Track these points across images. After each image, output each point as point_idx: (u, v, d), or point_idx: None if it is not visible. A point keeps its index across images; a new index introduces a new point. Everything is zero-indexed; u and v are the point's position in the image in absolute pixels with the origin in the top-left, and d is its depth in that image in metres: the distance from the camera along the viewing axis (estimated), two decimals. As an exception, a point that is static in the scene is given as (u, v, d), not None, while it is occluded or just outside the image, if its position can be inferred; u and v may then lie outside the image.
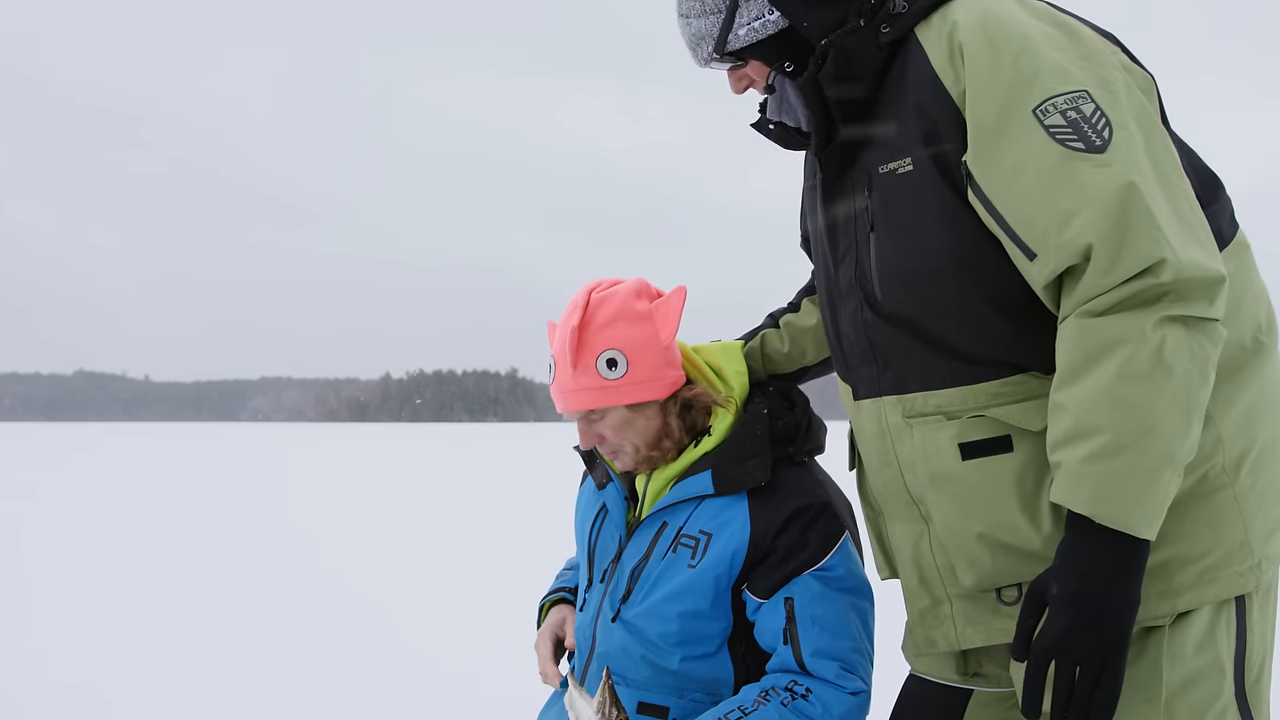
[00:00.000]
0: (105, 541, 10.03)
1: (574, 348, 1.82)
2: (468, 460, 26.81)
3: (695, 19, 1.68)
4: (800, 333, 2.08)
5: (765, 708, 1.68)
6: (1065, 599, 1.36)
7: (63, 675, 4.99)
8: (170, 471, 21.54)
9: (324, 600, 7.03)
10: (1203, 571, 1.46)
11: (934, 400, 1.57)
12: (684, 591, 1.80)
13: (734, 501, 1.83)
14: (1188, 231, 1.38)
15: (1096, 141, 1.39)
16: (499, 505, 12.54)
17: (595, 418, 1.87)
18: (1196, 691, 1.46)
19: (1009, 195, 1.43)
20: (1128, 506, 1.33)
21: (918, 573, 1.66)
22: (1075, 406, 1.37)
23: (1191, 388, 1.35)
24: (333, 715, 4.44)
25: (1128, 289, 1.35)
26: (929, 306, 1.56)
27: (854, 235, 1.66)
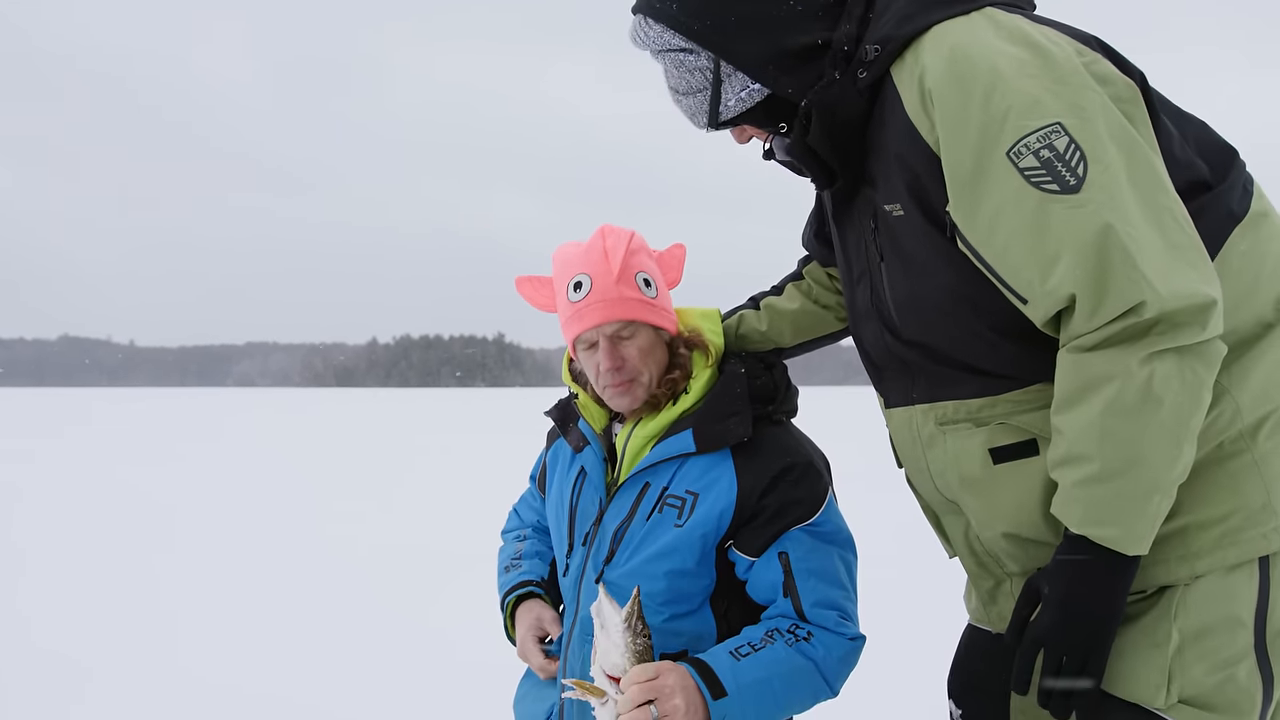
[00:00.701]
0: (95, 507, 10.02)
1: (624, 257, 1.88)
2: (455, 425, 26.88)
3: (685, 97, 1.75)
4: (780, 316, 2.12)
5: (773, 645, 1.73)
6: (1055, 600, 1.46)
7: (48, 642, 5.01)
8: (159, 437, 21.48)
9: (310, 565, 7.05)
10: (1222, 534, 1.49)
11: (964, 409, 1.63)
12: (671, 550, 1.82)
13: (719, 461, 1.85)
14: (1176, 256, 1.39)
15: (1070, 181, 1.40)
16: (485, 470, 12.54)
17: (627, 335, 1.89)
18: (1210, 641, 1.49)
19: (992, 244, 1.46)
20: (1115, 528, 1.41)
21: (974, 558, 1.77)
22: (1069, 432, 1.43)
23: (1182, 416, 1.39)
24: (318, 677, 4.46)
25: (1112, 328, 1.38)
26: (942, 335, 1.62)
27: (866, 262, 1.72)
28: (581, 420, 2.01)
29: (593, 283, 1.87)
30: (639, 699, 1.58)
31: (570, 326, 1.90)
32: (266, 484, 12.30)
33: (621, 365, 1.87)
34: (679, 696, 1.60)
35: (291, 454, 17.03)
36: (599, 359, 1.88)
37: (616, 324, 1.87)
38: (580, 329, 1.88)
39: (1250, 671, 1.48)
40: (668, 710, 1.59)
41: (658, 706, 1.58)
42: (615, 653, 1.61)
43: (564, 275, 1.92)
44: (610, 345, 1.87)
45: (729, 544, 1.84)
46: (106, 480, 12.49)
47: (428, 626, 5.30)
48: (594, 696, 1.63)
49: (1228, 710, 1.47)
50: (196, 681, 4.42)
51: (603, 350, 1.88)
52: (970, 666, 1.90)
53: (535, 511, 2.27)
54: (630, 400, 1.90)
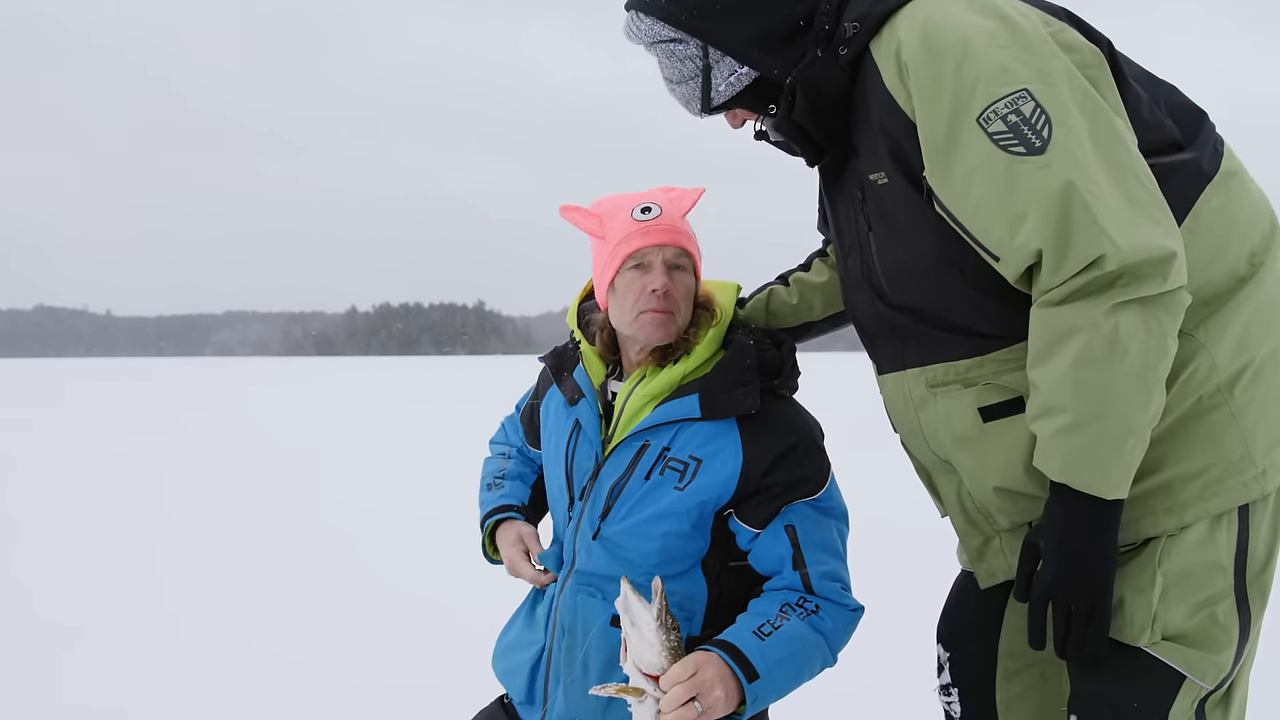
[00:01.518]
0: (82, 478, 9.98)
1: (691, 205, 1.99)
2: (437, 393, 26.83)
3: (678, 85, 1.84)
4: (809, 288, 2.21)
5: (789, 622, 1.78)
6: (1051, 552, 1.53)
7: (45, 611, 5.01)
8: (143, 408, 21.34)
9: (300, 531, 7.08)
10: (1205, 485, 1.58)
11: (952, 370, 1.70)
12: (669, 513, 1.85)
13: (724, 430, 1.88)
14: (1137, 211, 1.46)
15: (1036, 143, 1.48)
16: (468, 437, 12.53)
17: (681, 268, 1.94)
18: (1191, 584, 1.58)
19: (965, 206, 1.54)
20: (1093, 474, 1.48)
21: (964, 515, 1.82)
22: (1043, 385, 1.50)
23: (1149, 362, 1.46)
24: (309, 640, 4.49)
25: (1077, 281, 1.46)
26: (929, 298, 1.69)
27: (856, 234, 1.79)
28: (579, 370, 2.03)
29: (664, 210, 1.94)
30: (683, 697, 1.62)
31: (631, 241, 1.92)
32: (253, 453, 12.27)
33: (667, 295, 1.90)
34: (719, 687, 1.65)
35: (276, 423, 16.96)
36: (649, 280, 1.91)
37: (678, 251, 1.93)
38: (644, 243, 1.91)
39: (1229, 611, 1.58)
40: (710, 703, 1.64)
41: (700, 701, 1.63)
42: (650, 652, 1.65)
43: (628, 203, 1.97)
44: (666, 269, 1.92)
45: (729, 513, 1.88)
46: (92, 450, 12.41)
47: (415, 590, 5.34)
48: (631, 695, 1.66)
49: (1206, 645, 1.57)
50: (191, 645, 4.44)
51: (657, 270, 1.91)
52: (959, 612, 1.96)
53: (520, 436, 2.29)
54: (663, 333, 1.92)
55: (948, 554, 2.03)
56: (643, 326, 1.92)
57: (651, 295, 1.90)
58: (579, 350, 2.07)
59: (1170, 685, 1.57)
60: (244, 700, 3.77)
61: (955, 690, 1.94)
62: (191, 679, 4.00)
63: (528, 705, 2.01)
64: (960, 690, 1.93)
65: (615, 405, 1.98)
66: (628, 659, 1.69)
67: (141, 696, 3.81)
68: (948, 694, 1.95)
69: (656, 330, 1.92)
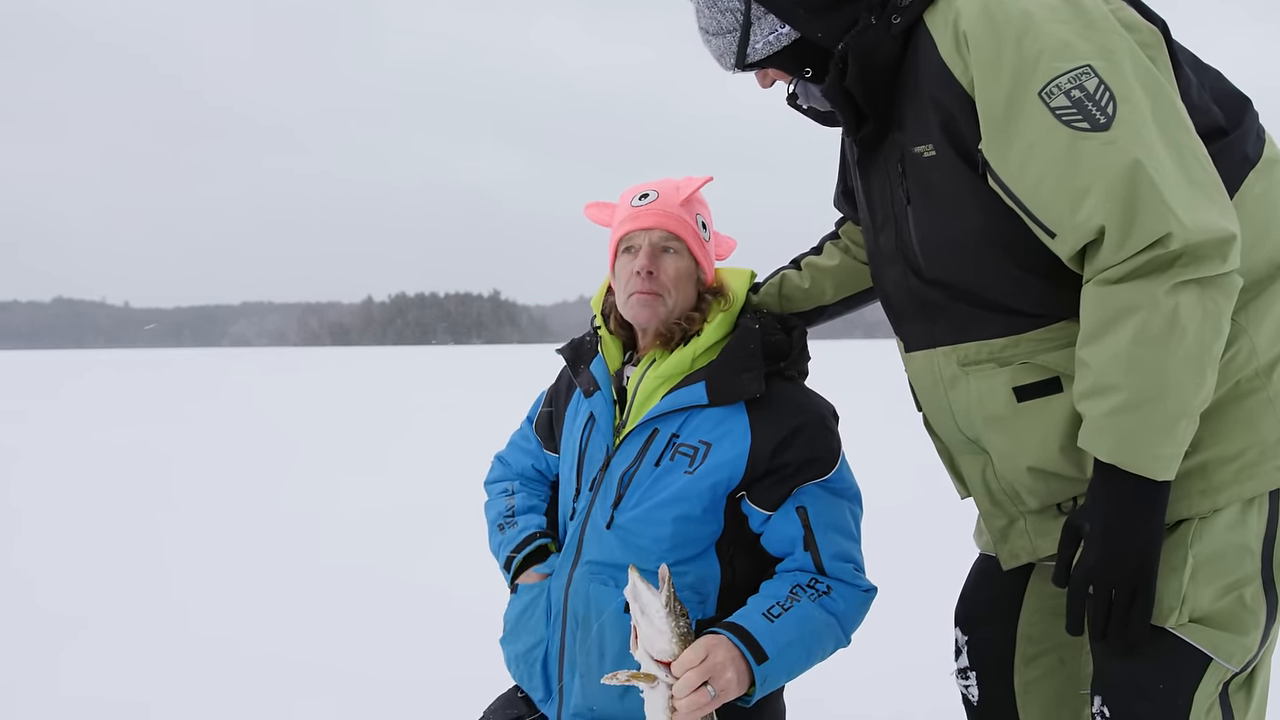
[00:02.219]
0: (92, 467, 10.03)
1: (691, 192, 2.01)
2: (451, 382, 26.90)
3: (714, 37, 1.81)
4: (821, 272, 2.21)
5: (800, 603, 1.80)
6: (1096, 534, 1.51)
7: (46, 599, 5.02)
8: (156, 398, 21.47)
9: (306, 521, 7.07)
10: (1240, 469, 1.56)
11: (986, 349, 1.68)
12: (679, 498, 1.86)
13: (733, 414, 1.90)
14: (1198, 193, 1.45)
15: (1101, 119, 1.46)
16: (480, 426, 12.55)
17: (674, 249, 1.98)
18: (1221, 565, 1.56)
19: (1023, 180, 1.51)
20: (1145, 455, 1.45)
21: (989, 497, 1.80)
22: (1096, 364, 1.47)
23: (1205, 343, 1.44)
24: (312, 634, 4.47)
25: (1139, 259, 1.43)
26: (969, 273, 1.67)
27: (891, 207, 1.76)
28: (597, 360, 2.05)
29: (660, 196, 1.99)
30: (695, 683, 1.64)
31: (623, 225, 2.00)
32: (262, 443, 12.31)
33: (655, 273, 1.95)
34: (730, 670, 1.67)
35: (288, 413, 17.03)
36: (636, 262, 1.96)
37: (665, 234, 1.97)
38: (631, 227, 1.98)
39: (1256, 594, 1.56)
40: (722, 685, 1.66)
41: (713, 684, 1.65)
42: (661, 639, 1.66)
43: (633, 191, 2.03)
44: (652, 251, 1.96)
45: (741, 495, 1.89)
46: (103, 440, 12.48)
47: (421, 580, 5.32)
48: (643, 682, 1.68)
49: (1233, 628, 1.55)
50: (194, 635, 4.43)
51: (643, 253, 1.96)
52: (978, 596, 1.95)
53: (529, 455, 2.27)
54: (649, 314, 1.96)
55: (966, 539, 2.00)
56: (631, 308, 1.98)
57: (636, 277, 1.95)
58: (598, 338, 2.10)
59: (1196, 667, 1.55)
60: (249, 692, 3.75)
61: (973, 674, 1.92)
62: (195, 669, 3.97)
63: (544, 700, 2.01)
64: (978, 674, 1.92)
65: (628, 390, 2.00)
66: (639, 646, 1.70)
67: (144, 687, 3.79)
68: (965, 677, 1.94)
69: (642, 311, 1.96)
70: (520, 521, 2.14)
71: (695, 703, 1.63)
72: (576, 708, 1.91)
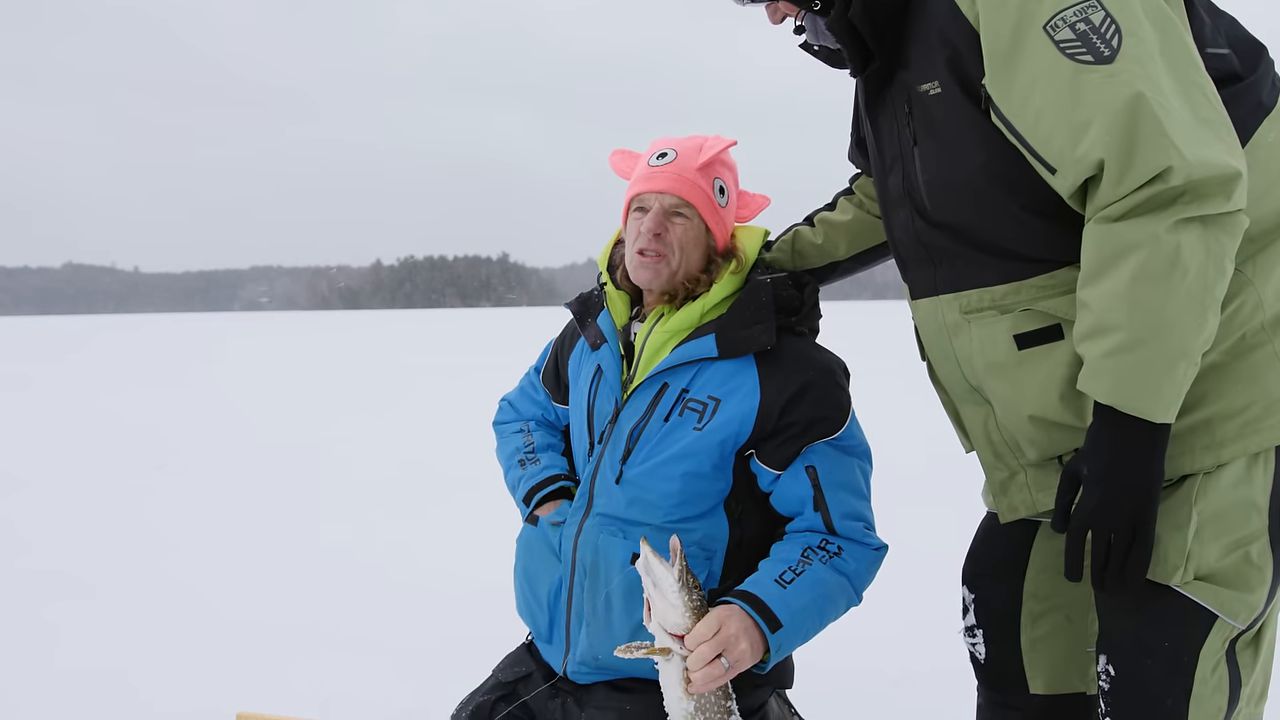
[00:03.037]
0: (97, 430, 10.10)
1: (712, 155, 1.97)
2: (460, 345, 26.95)
3: None
4: (834, 228, 2.20)
5: (811, 567, 1.80)
6: (1095, 478, 1.48)
7: (48, 562, 5.05)
8: (163, 362, 21.55)
9: (315, 484, 7.10)
10: (1244, 424, 1.54)
11: (988, 296, 1.66)
12: (688, 454, 1.86)
13: (742, 368, 1.89)
14: (1204, 129, 1.42)
15: (1105, 52, 1.43)
16: (490, 389, 12.58)
17: (682, 215, 1.96)
18: (1227, 522, 1.55)
19: (1025, 114, 1.49)
20: (1144, 397, 1.43)
21: (991, 448, 1.79)
22: (1096, 304, 1.45)
23: (1207, 283, 1.41)
24: (318, 593, 4.49)
25: (1139, 195, 1.41)
26: (973, 215, 1.65)
27: (899, 148, 1.75)
28: (604, 314, 2.05)
29: (677, 157, 1.97)
30: (709, 655, 1.65)
31: (636, 184, 1.98)
32: (269, 406, 12.36)
33: (662, 235, 1.94)
34: (744, 640, 1.68)
35: (296, 377, 17.09)
36: (644, 222, 1.95)
37: (676, 199, 1.95)
38: (645, 189, 1.96)
39: (1263, 550, 1.55)
40: (736, 657, 1.67)
41: (726, 656, 1.66)
42: (674, 613, 1.67)
43: (656, 147, 2.01)
44: (661, 214, 1.95)
45: (750, 453, 1.89)
46: (111, 406, 12.54)
47: (427, 542, 5.35)
48: (658, 655, 1.69)
49: (1239, 585, 1.54)
50: (193, 595, 4.45)
51: (651, 214, 1.95)
52: (984, 554, 1.94)
53: (538, 405, 2.28)
54: (652, 275, 1.95)
55: (977, 498, 1.99)
56: (635, 268, 1.97)
57: (643, 237, 1.94)
58: (604, 293, 2.09)
59: (1202, 625, 1.54)
60: (249, 654, 3.74)
61: (980, 632, 1.92)
62: (196, 637, 3.94)
63: (549, 645, 2.01)
64: (985, 632, 1.91)
65: (636, 345, 2.00)
66: (652, 619, 1.71)
67: (141, 651, 3.76)
68: (972, 635, 1.94)
69: (644, 273, 1.96)
70: (543, 459, 2.15)
71: (709, 675, 1.65)
72: (583, 657, 1.92)
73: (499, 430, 2.30)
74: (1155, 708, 1.56)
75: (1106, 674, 1.60)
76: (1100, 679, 1.61)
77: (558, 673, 1.98)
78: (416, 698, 3.23)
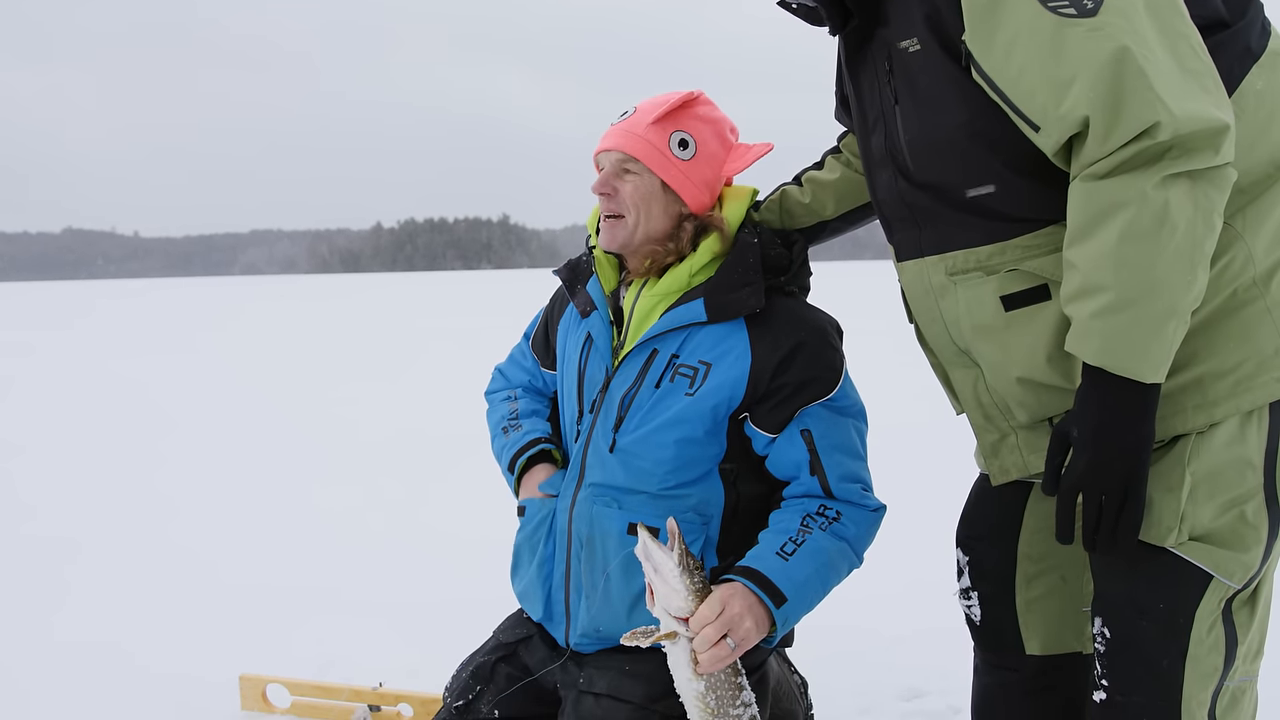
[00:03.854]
0: (97, 395, 10.11)
1: (668, 109, 1.93)
2: (461, 308, 26.91)
3: None
4: (821, 187, 2.16)
5: (812, 535, 1.80)
6: (1084, 440, 1.46)
7: (51, 528, 5.06)
8: (164, 327, 21.55)
9: (315, 450, 7.11)
10: (1236, 382, 1.53)
11: (973, 257, 1.64)
12: (681, 419, 1.85)
13: (732, 331, 1.87)
14: (1190, 81, 1.39)
15: (1088, 4, 1.40)
16: (492, 351, 12.58)
17: (631, 171, 1.93)
18: (1221, 481, 1.53)
19: (1007, 71, 1.46)
20: (1133, 357, 1.41)
21: (981, 410, 1.77)
22: (1083, 264, 1.43)
23: (1196, 239, 1.39)
24: (314, 558, 4.50)
25: (1126, 152, 1.38)
26: (956, 174, 1.62)
27: (880, 107, 1.71)
28: (593, 280, 2.02)
29: (635, 114, 1.95)
30: (714, 637, 1.65)
31: (597, 145, 1.98)
32: (274, 370, 12.37)
33: (611, 194, 1.93)
34: (748, 619, 1.68)
35: (300, 341, 17.09)
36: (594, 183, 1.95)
37: (621, 155, 1.93)
38: (599, 148, 1.96)
39: (1258, 509, 1.54)
40: (742, 635, 1.67)
41: (732, 636, 1.66)
42: (676, 597, 1.67)
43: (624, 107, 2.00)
44: (609, 172, 1.94)
45: (743, 417, 1.88)
46: (117, 369, 12.56)
47: (432, 504, 5.36)
48: (664, 639, 1.70)
49: (1235, 545, 1.53)
50: (195, 559, 4.47)
51: (603, 174, 1.94)
52: (978, 516, 1.93)
53: (526, 372, 2.27)
54: (609, 238, 1.95)
55: (973, 458, 1.99)
56: (601, 232, 1.97)
57: (598, 195, 1.95)
58: (593, 259, 2.06)
59: (1197, 585, 1.54)
60: (252, 617, 3.74)
61: (975, 594, 1.92)
62: (198, 601, 3.94)
63: (549, 621, 2.01)
64: (980, 594, 1.91)
65: (625, 310, 1.98)
66: (655, 604, 1.71)
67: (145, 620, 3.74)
68: (967, 598, 1.94)
69: (605, 235, 1.95)
70: (525, 425, 2.14)
71: (716, 656, 1.66)
72: (584, 629, 1.93)
73: (489, 399, 2.30)
74: (1151, 669, 1.56)
75: (1102, 636, 1.59)
76: (1096, 641, 1.61)
77: (561, 645, 1.99)
78: (418, 658, 3.24)
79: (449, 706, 1.98)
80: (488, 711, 1.95)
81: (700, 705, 1.69)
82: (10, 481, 6.15)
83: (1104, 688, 1.60)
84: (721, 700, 1.69)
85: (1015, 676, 1.90)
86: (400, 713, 2.80)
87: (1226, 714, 1.61)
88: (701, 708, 1.69)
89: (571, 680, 1.95)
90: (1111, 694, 1.59)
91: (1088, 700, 1.65)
